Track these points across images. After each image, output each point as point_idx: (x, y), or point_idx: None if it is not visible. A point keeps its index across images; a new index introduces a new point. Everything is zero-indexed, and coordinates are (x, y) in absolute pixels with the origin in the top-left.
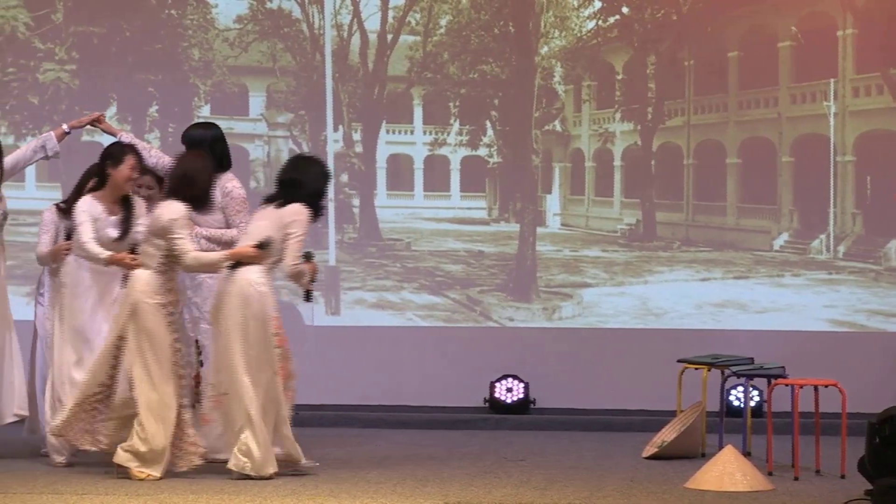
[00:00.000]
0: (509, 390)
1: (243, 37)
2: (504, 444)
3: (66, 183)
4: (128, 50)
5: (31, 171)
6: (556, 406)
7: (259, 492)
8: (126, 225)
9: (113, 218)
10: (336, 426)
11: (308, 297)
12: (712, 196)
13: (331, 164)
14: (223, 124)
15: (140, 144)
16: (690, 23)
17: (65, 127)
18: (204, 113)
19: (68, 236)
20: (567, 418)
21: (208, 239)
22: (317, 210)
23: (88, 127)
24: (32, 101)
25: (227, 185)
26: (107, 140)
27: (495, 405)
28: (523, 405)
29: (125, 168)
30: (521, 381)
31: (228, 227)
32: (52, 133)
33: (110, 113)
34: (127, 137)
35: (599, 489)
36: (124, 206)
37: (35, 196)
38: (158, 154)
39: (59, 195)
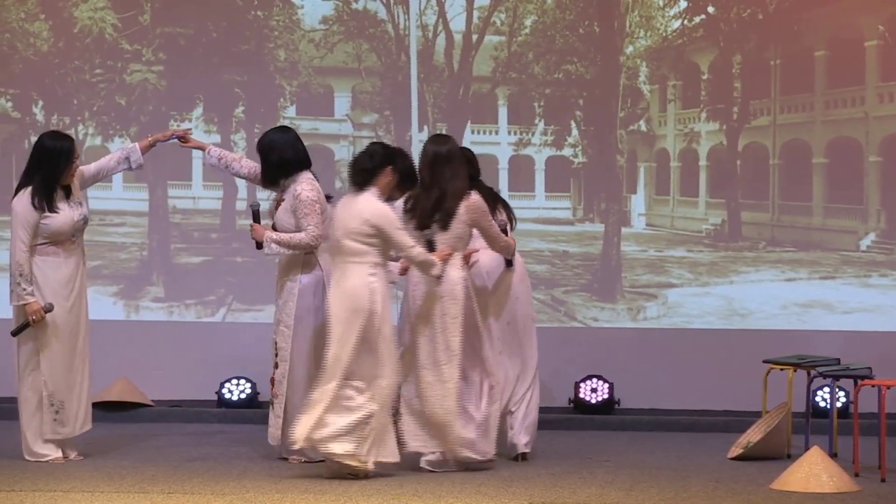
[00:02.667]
0: (594, 390)
1: (329, 37)
2: (589, 444)
3: (153, 184)
4: (214, 51)
5: None
6: (641, 406)
7: (344, 491)
8: None
9: None
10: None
11: None
12: (798, 196)
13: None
14: (308, 125)
15: (230, 156)
16: (776, 22)
17: (150, 139)
18: (289, 114)
19: None
20: (652, 419)
21: (277, 242)
22: None
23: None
24: (120, 102)
25: (298, 187)
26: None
27: (580, 405)
28: (608, 405)
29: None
30: (605, 381)
31: (298, 229)
32: (137, 145)
33: (196, 114)
34: (215, 151)
35: (684, 490)
36: None
37: (122, 196)
38: (248, 163)
39: (145, 195)
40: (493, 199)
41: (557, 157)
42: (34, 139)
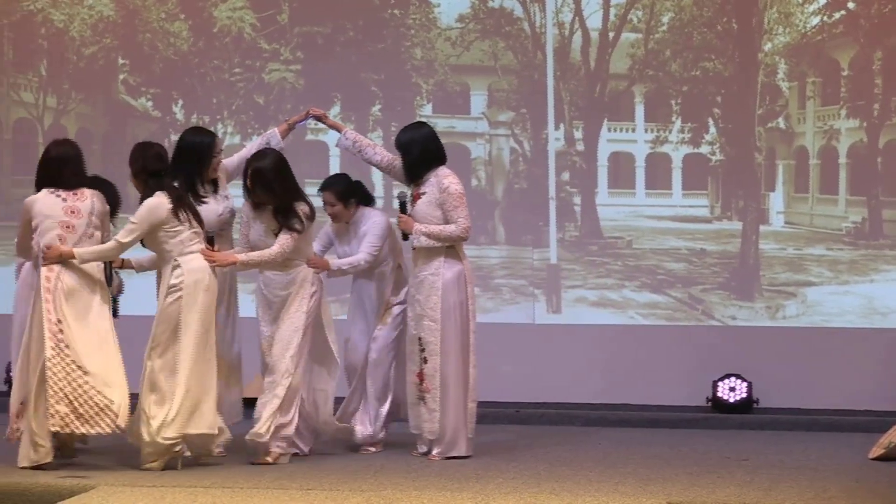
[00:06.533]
0: (732, 389)
1: (465, 36)
2: (727, 443)
3: None
4: (351, 49)
5: None
6: (780, 406)
7: (481, 489)
8: None
9: None
10: (558, 424)
11: None
12: None
13: (552, 163)
14: (444, 123)
15: (365, 141)
16: None
17: (289, 122)
18: (426, 112)
19: None
20: (791, 418)
21: (427, 235)
22: None
23: (312, 125)
24: (258, 101)
25: (444, 180)
26: (332, 137)
27: (718, 404)
28: (746, 404)
29: None
30: (743, 380)
31: (447, 222)
32: (276, 130)
33: (334, 112)
34: (351, 134)
35: (824, 490)
36: None
37: None
38: (382, 152)
39: None
40: None
41: (694, 155)
42: (174, 138)
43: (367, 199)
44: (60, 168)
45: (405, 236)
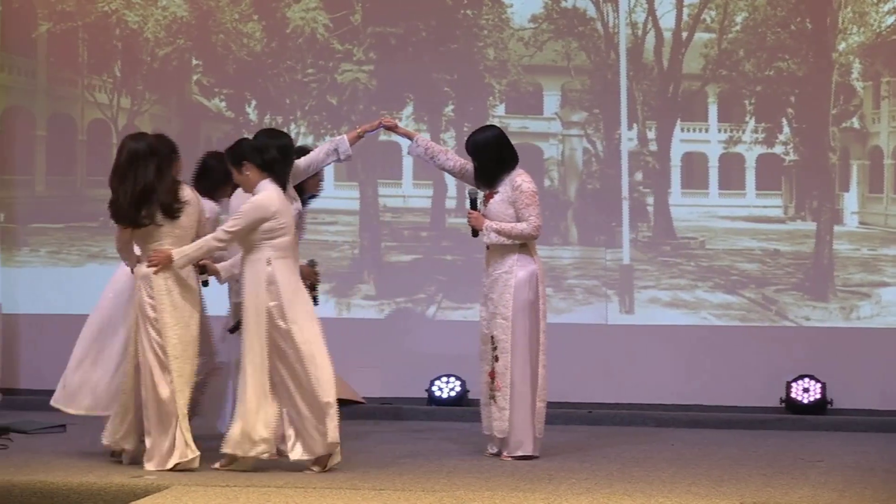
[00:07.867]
0: (806, 390)
1: (538, 36)
2: (800, 444)
3: (363, 183)
4: (424, 50)
5: (329, 170)
6: (854, 407)
7: (554, 489)
8: None
9: None
10: (631, 425)
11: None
12: None
13: (625, 163)
14: (517, 123)
15: (437, 148)
16: None
17: (358, 130)
18: (499, 112)
19: None
20: (865, 419)
21: (498, 232)
22: None
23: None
24: (331, 101)
25: (517, 179)
26: (405, 139)
27: (791, 405)
28: (820, 406)
29: None
30: (817, 381)
31: (519, 221)
32: (346, 136)
33: (406, 112)
34: (423, 141)
35: None
36: None
37: (334, 195)
38: (454, 157)
39: (356, 194)
40: None
41: (768, 155)
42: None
43: (268, 167)
44: None
45: (475, 233)
